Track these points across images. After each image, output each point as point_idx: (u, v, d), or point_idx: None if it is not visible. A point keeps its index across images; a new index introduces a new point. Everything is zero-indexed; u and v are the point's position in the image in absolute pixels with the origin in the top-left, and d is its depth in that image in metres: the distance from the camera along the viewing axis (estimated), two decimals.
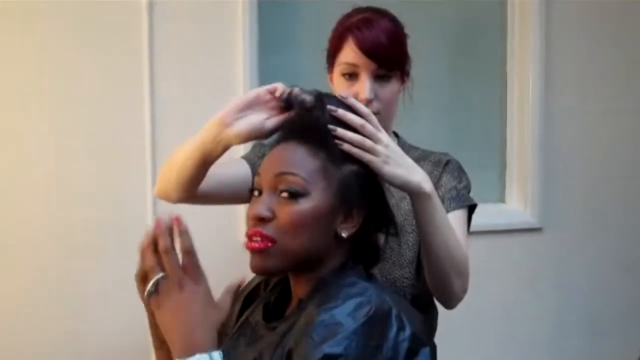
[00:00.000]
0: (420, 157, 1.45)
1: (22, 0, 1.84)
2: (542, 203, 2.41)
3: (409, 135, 1.52)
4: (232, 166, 1.35)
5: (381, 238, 1.13)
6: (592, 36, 2.48)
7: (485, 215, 2.37)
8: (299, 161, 1.02)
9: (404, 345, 0.92)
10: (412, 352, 0.93)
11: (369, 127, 1.08)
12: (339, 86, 1.39)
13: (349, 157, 1.05)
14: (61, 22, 1.88)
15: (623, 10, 2.49)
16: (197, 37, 1.99)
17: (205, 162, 1.19)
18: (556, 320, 2.49)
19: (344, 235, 1.02)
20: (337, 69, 1.40)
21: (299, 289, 1.06)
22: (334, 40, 1.41)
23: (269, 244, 0.99)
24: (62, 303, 1.89)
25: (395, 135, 1.50)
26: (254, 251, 1.01)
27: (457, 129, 2.46)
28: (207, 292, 0.99)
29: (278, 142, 1.07)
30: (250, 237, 1.01)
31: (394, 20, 1.39)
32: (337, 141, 1.04)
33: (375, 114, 1.27)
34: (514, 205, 2.46)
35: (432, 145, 1.52)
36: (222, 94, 2.00)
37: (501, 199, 2.49)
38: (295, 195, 0.99)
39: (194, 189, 1.26)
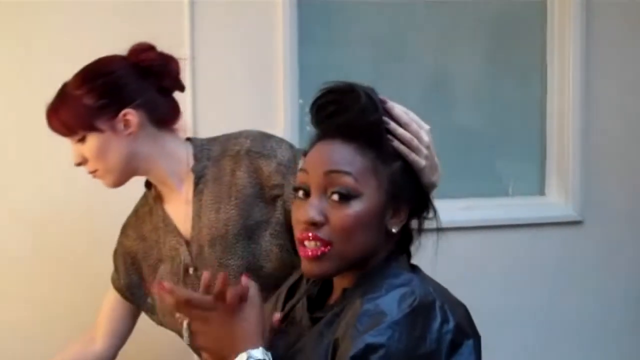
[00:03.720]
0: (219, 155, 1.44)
1: None
2: (582, 196, 2.37)
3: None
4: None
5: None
6: (634, 26, 2.43)
7: (525, 208, 2.37)
8: (349, 159, 0.99)
9: (448, 337, 0.92)
10: (455, 344, 0.93)
11: (414, 126, 1.08)
12: None
13: (395, 153, 1.04)
14: (103, 16, 1.89)
15: None
16: (238, 31, 2.00)
17: None
18: (599, 316, 2.44)
19: (394, 230, 1.02)
20: None
21: (344, 281, 1.05)
22: None
23: (325, 250, 0.98)
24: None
25: (189, 140, 1.48)
26: (309, 258, 1.00)
27: (496, 120, 2.42)
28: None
29: (320, 138, 1.04)
30: (303, 241, 0.99)
31: (76, 81, 1.37)
32: (388, 136, 1.03)
33: (93, 172, 1.39)
34: (554, 198, 2.42)
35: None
36: (262, 88, 2.02)
37: (541, 191, 2.46)
38: (347, 197, 0.98)
39: None
